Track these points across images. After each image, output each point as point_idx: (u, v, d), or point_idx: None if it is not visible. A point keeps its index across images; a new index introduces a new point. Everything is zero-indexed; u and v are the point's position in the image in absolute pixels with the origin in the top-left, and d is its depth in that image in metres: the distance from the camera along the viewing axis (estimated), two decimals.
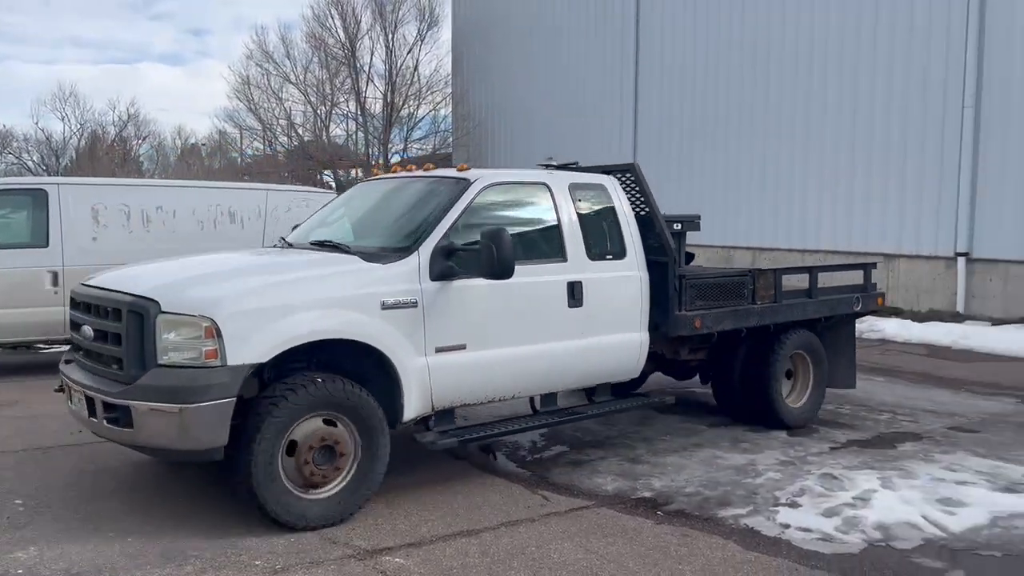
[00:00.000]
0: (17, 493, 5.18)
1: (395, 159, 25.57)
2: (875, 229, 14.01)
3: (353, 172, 27.77)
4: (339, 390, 4.61)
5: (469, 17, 23.57)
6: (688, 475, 5.67)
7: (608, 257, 5.90)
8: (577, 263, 5.69)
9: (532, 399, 5.85)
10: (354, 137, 27.16)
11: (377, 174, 6.72)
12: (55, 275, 9.00)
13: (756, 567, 4.21)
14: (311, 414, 4.56)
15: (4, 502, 5.02)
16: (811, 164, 14.94)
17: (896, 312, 13.32)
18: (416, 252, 5.01)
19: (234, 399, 4.31)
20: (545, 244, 5.68)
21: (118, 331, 4.56)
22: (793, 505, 5.07)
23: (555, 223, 5.71)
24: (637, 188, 6.40)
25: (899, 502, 5.10)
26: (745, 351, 6.86)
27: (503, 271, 4.92)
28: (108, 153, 40.69)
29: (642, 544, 4.48)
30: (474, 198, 5.37)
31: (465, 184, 5.45)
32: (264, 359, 4.41)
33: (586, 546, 4.44)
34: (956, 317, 12.86)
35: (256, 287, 4.66)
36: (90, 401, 4.63)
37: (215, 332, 4.29)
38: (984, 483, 5.50)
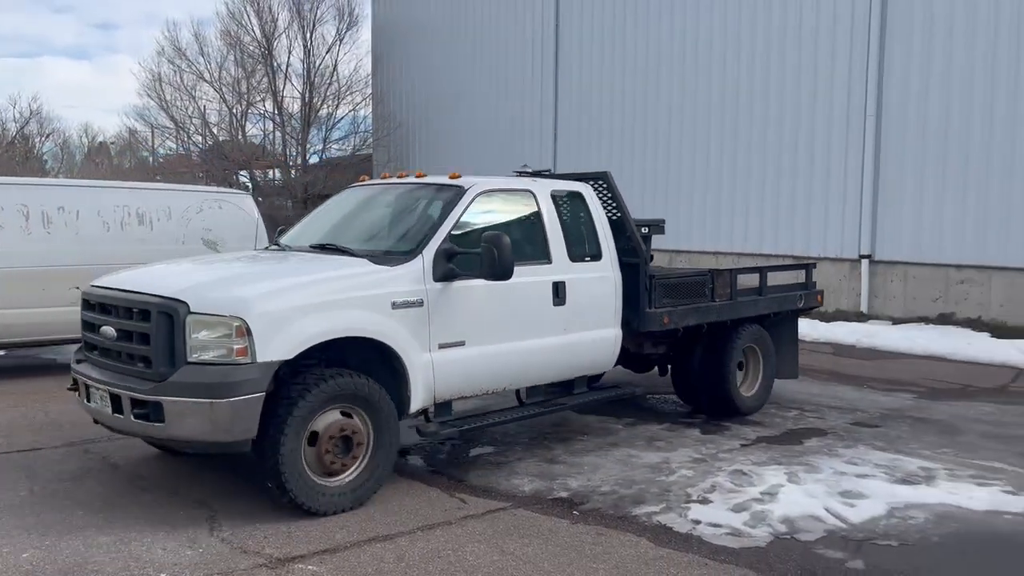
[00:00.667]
0: None
1: (313, 159, 25.15)
2: (785, 232, 14.48)
3: (271, 173, 27.19)
4: (357, 384, 4.93)
5: (389, 17, 23.36)
6: (604, 474, 5.74)
7: (586, 259, 6.35)
8: (560, 264, 6.12)
9: (519, 391, 6.29)
10: (271, 137, 26.59)
11: (364, 180, 6.99)
12: None
13: (667, 563, 4.30)
14: (331, 406, 4.86)
15: None
16: (724, 170, 15.35)
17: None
18: (420, 255, 5.36)
19: (264, 394, 4.59)
20: (532, 247, 6.06)
21: (145, 331, 4.77)
22: (704, 501, 5.20)
23: (541, 227, 6.14)
24: (609, 194, 6.91)
25: (804, 496, 5.29)
26: (704, 345, 7.33)
27: (503, 272, 5.30)
28: (8, 151, 38.72)
29: (557, 544, 4.52)
30: (470, 204, 5.75)
31: (461, 191, 5.82)
32: (290, 356, 4.69)
33: (502, 548, 4.45)
34: (860, 317, 13.41)
35: (281, 288, 4.94)
36: (115, 398, 4.84)
37: (246, 331, 4.56)
38: (883, 475, 5.75)
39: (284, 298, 4.80)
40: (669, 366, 7.70)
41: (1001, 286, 12.13)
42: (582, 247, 6.37)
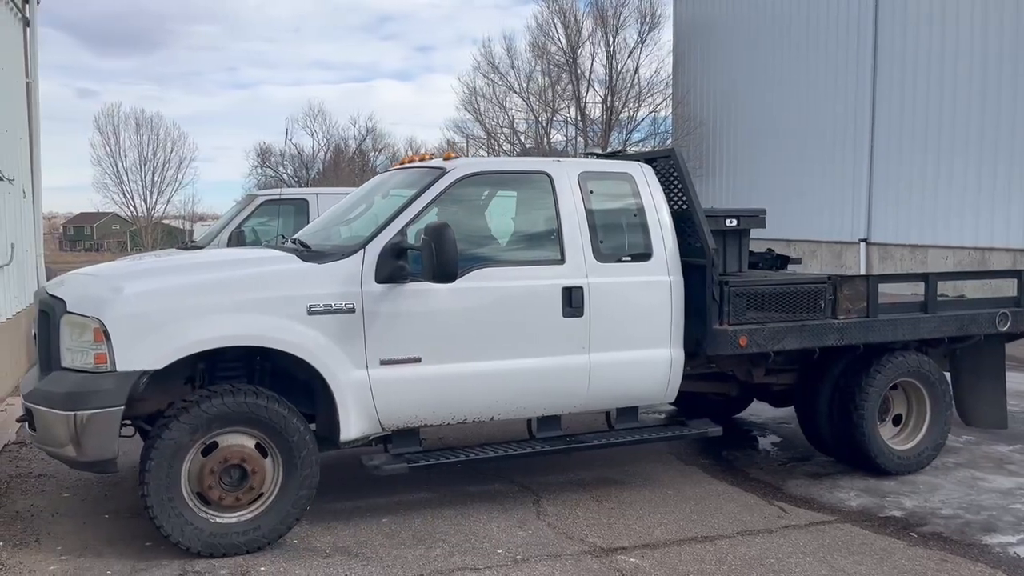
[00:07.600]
0: None
1: None
2: None
3: None
4: (254, 404, 4.21)
5: (691, 17, 23.14)
6: (944, 496, 5.23)
7: (626, 259, 5.11)
8: (578, 265, 4.94)
9: (529, 422, 5.11)
10: (574, 142, 27.63)
11: (396, 166, 6.16)
12: None
13: None
14: (221, 430, 4.19)
15: None
16: None
17: None
18: (361, 251, 4.52)
19: (121, 408, 4.01)
20: (535, 243, 5.08)
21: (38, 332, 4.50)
22: None
23: (552, 219, 4.99)
24: (676, 178, 5.49)
25: None
26: (836, 376, 5.72)
27: (443, 273, 4.33)
28: (349, 164, 44.41)
29: (894, 566, 4.19)
30: (444, 191, 4.79)
31: (438, 174, 4.88)
32: (158, 366, 4.07)
33: (830, 563, 4.23)
34: None
35: (155, 288, 4.28)
36: None
37: (104, 335, 4.01)
38: None
39: (152, 299, 4.16)
40: (798, 401, 6.04)
41: None
42: (620, 243, 5.12)
